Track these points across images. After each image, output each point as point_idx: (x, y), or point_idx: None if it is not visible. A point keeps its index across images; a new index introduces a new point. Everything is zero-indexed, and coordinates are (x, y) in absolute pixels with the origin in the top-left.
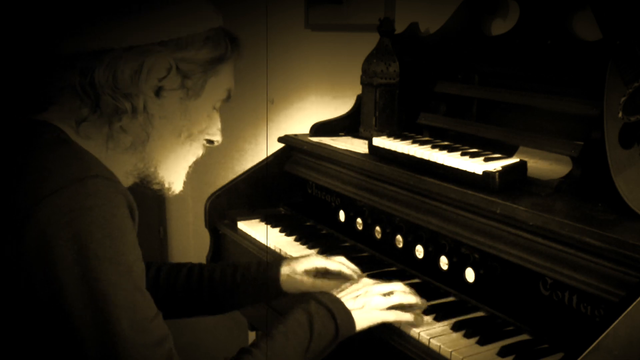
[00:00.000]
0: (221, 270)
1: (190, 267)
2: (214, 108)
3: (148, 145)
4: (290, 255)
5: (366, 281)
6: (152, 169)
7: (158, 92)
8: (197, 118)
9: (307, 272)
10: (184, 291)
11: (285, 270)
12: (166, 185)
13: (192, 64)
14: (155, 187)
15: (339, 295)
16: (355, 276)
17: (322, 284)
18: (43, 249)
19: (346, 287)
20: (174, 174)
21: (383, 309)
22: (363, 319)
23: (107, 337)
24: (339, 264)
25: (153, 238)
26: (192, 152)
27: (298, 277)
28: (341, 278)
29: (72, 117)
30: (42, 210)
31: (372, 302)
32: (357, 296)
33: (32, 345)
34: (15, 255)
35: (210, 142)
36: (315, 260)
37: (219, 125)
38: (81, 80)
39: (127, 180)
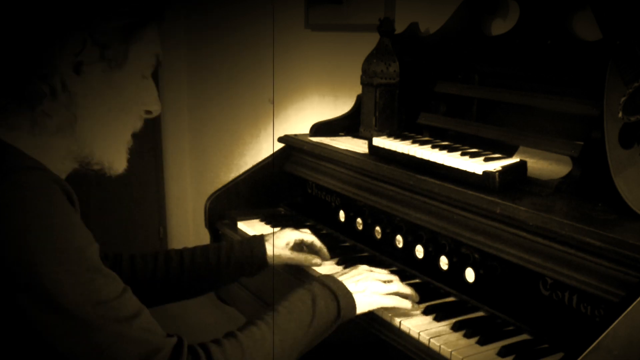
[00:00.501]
0: (202, 251)
1: (167, 253)
2: (144, 76)
3: (77, 125)
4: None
5: (365, 267)
6: (87, 150)
7: (77, 69)
8: (125, 89)
9: (287, 246)
10: (165, 277)
11: (268, 245)
12: (106, 165)
13: (106, 34)
14: (96, 167)
15: (341, 278)
16: (324, 248)
17: (301, 256)
18: None
19: (348, 272)
20: (113, 151)
21: (383, 294)
22: (364, 302)
23: (72, 325)
24: (311, 235)
25: (153, 238)
26: (129, 126)
27: (280, 251)
28: (315, 250)
29: None
30: None
31: (372, 286)
32: (358, 281)
33: (5, 350)
34: None
35: (149, 112)
36: (292, 234)
37: (155, 94)
38: None
39: (64, 166)
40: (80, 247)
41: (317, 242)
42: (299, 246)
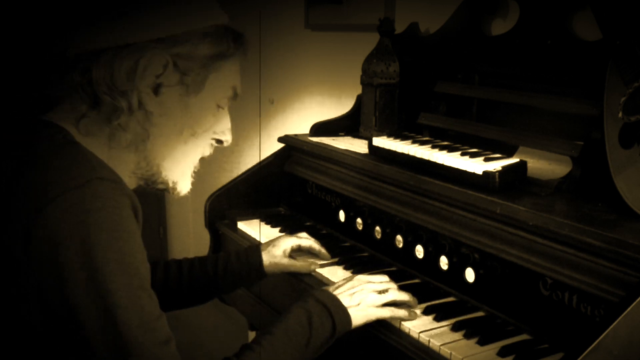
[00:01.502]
0: (200, 263)
1: (166, 264)
2: (219, 106)
3: (149, 143)
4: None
5: (361, 277)
6: (155, 168)
7: (156, 90)
8: (199, 115)
9: (284, 254)
10: (164, 287)
11: (265, 255)
12: (170, 185)
13: (190, 60)
14: (160, 187)
15: (335, 293)
16: (323, 249)
17: (298, 263)
18: (51, 252)
19: (343, 284)
20: (178, 173)
21: (378, 306)
22: (359, 316)
23: (116, 338)
24: (308, 239)
25: (153, 238)
26: (197, 151)
27: (278, 259)
28: (313, 254)
29: (73, 115)
30: (50, 212)
31: (367, 299)
32: (354, 293)
33: (42, 348)
34: (23, 258)
35: (219, 141)
36: (288, 241)
37: (228, 124)
38: (80, 80)
39: (131, 182)
40: (138, 264)
41: (315, 245)
42: (297, 251)
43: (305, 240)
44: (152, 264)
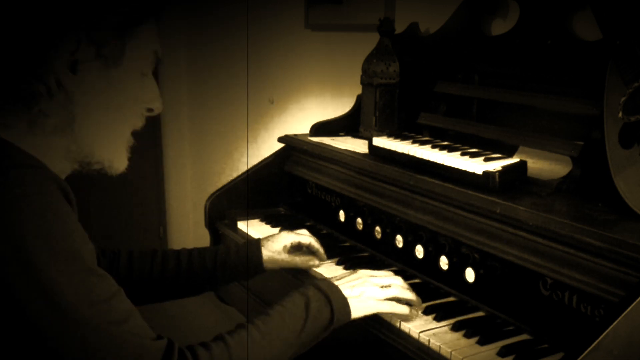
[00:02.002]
0: (199, 254)
1: (164, 252)
2: (143, 74)
3: (76, 124)
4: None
5: (365, 271)
6: (87, 149)
7: (73, 67)
8: (123, 87)
9: (284, 249)
10: (161, 276)
11: (264, 250)
12: (107, 164)
13: (103, 31)
14: (96, 167)
15: (337, 283)
16: (321, 249)
17: (297, 259)
18: None
19: (345, 276)
20: (112, 150)
21: (379, 300)
22: (359, 308)
23: (68, 325)
24: (307, 237)
25: (153, 238)
26: (129, 124)
27: (277, 255)
28: (312, 252)
29: None
30: None
31: (369, 291)
32: (355, 285)
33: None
34: None
35: (150, 110)
36: (288, 237)
37: (156, 91)
38: None
39: (64, 167)
40: (76, 247)
41: (315, 244)
42: (296, 248)
43: (305, 237)
44: (150, 252)
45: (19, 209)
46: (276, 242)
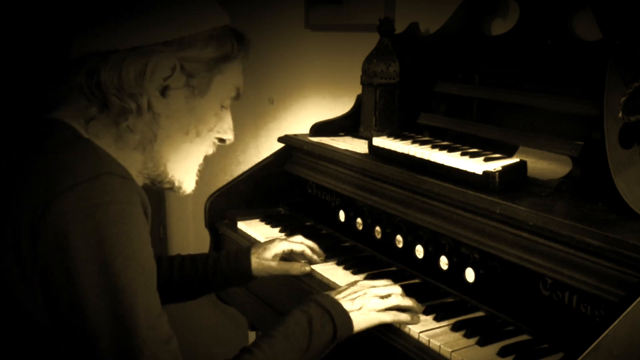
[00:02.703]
0: (191, 261)
1: (158, 259)
2: (223, 106)
3: (156, 144)
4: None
5: (364, 283)
6: (162, 168)
7: (163, 92)
8: (204, 116)
9: (275, 257)
10: None
11: (254, 258)
12: (177, 184)
13: (197, 62)
14: (166, 186)
15: (337, 297)
16: (315, 256)
17: (289, 266)
18: (60, 243)
19: (345, 289)
20: (184, 172)
21: (381, 310)
22: (361, 321)
23: (123, 331)
24: (301, 244)
25: (153, 238)
26: (202, 150)
27: (266, 262)
28: (306, 257)
29: (81, 116)
30: (59, 205)
31: (369, 303)
32: (355, 298)
33: (47, 347)
34: (29, 254)
35: (222, 140)
36: (280, 245)
37: (230, 123)
38: (88, 81)
39: (138, 181)
40: (145, 261)
41: (308, 252)
42: (289, 256)
43: (297, 245)
44: None
45: (105, 213)
46: (267, 251)
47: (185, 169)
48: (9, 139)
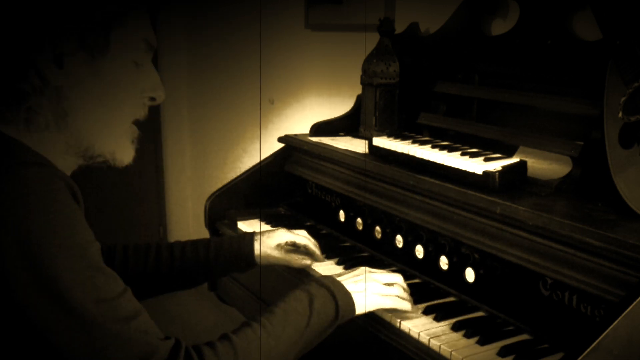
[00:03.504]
0: (192, 247)
1: (158, 246)
2: (138, 63)
3: (69, 118)
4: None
5: (365, 269)
6: (86, 143)
7: (59, 61)
8: (115, 77)
9: (277, 246)
10: (156, 270)
11: (257, 245)
12: (109, 156)
13: (85, 21)
14: (99, 160)
15: (340, 279)
16: (317, 251)
17: (291, 257)
18: None
19: (347, 272)
20: (113, 142)
21: (383, 295)
22: (362, 303)
23: (73, 322)
24: (305, 238)
25: (153, 238)
26: (128, 114)
27: (269, 251)
28: (308, 252)
29: None
30: None
31: (372, 287)
32: (358, 281)
33: (8, 346)
34: None
35: (152, 99)
36: (284, 235)
37: (156, 79)
38: None
39: (67, 162)
40: (82, 245)
41: (311, 246)
42: (291, 247)
43: (301, 238)
44: (144, 247)
45: (24, 206)
46: (271, 239)
47: (113, 138)
48: None
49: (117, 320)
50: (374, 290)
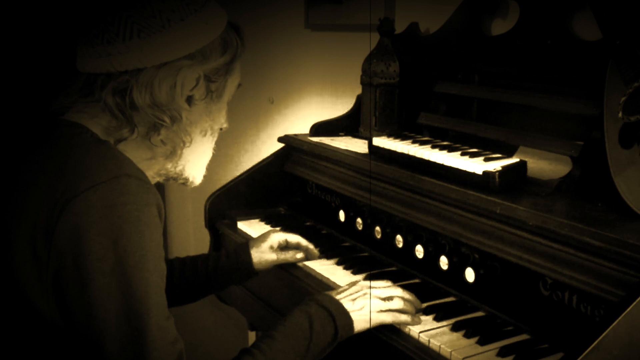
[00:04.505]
0: (192, 262)
1: None
2: (227, 103)
3: (182, 150)
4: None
5: (364, 283)
6: (180, 168)
7: (189, 101)
8: (218, 117)
9: (272, 248)
10: None
11: (254, 252)
12: (190, 180)
13: (216, 69)
14: (180, 182)
15: (338, 297)
16: (311, 245)
17: (285, 256)
18: (75, 242)
19: (346, 289)
20: (199, 168)
21: (381, 311)
22: (362, 321)
23: (133, 332)
24: (295, 235)
25: None
26: (212, 145)
27: (266, 255)
28: (301, 249)
29: (112, 135)
30: (77, 205)
31: (372, 304)
32: (356, 298)
33: (55, 340)
34: (46, 250)
35: (220, 129)
36: (276, 236)
37: (226, 112)
38: (117, 100)
39: (153, 180)
40: (158, 262)
41: (303, 242)
42: (285, 246)
43: (292, 235)
44: None
45: (121, 213)
46: (265, 243)
47: (200, 166)
48: (23, 139)
49: (166, 342)
50: (374, 307)
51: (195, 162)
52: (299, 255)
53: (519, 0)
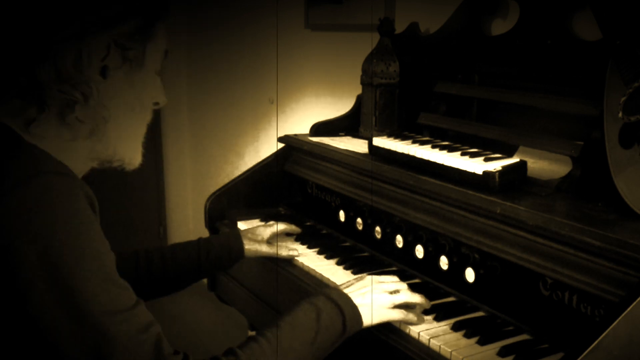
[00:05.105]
0: (182, 249)
1: (147, 252)
2: (156, 73)
3: (108, 127)
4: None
5: (371, 278)
6: (111, 149)
7: (103, 73)
8: (144, 88)
9: (262, 239)
10: (147, 276)
11: (245, 240)
12: (126, 161)
13: (130, 34)
14: (116, 164)
15: (346, 291)
16: (297, 229)
17: (274, 249)
18: (5, 253)
19: (353, 283)
20: (132, 148)
21: (390, 307)
22: (370, 316)
23: (88, 333)
24: (283, 223)
25: (153, 238)
26: (145, 121)
27: (257, 246)
28: (291, 236)
29: (19, 117)
30: None
31: (379, 299)
32: (365, 292)
33: (11, 352)
34: None
35: (156, 104)
36: (267, 230)
37: (161, 86)
38: (22, 80)
39: (84, 166)
40: (100, 255)
41: (293, 227)
42: (275, 238)
43: (281, 224)
44: (132, 253)
45: (46, 215)
46: (256, 233)
47: (132, 144)
48: None
49: (129, 333)
50: (382, 302)
51: (126, 141)
52: (292, 252)
53: (519, 0)
